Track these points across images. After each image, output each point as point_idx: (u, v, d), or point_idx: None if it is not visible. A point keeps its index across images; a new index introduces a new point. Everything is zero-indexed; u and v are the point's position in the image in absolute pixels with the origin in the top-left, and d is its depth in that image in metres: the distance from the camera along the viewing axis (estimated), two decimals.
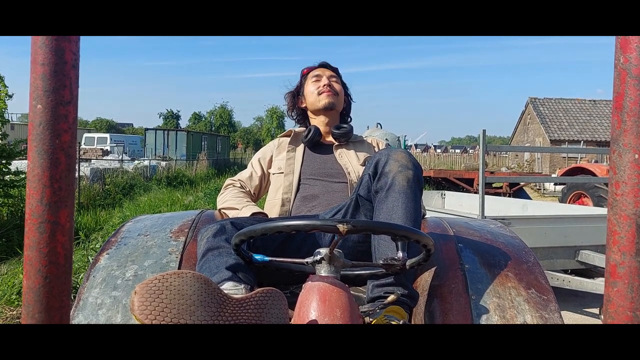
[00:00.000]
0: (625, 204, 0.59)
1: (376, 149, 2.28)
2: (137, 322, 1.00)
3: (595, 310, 4.77)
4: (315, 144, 2.23)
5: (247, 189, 2.20)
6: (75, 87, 0.60)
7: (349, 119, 2.39)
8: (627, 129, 0.58)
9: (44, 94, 0.58)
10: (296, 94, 2.38)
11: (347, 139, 2.24)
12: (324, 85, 2.26)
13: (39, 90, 0.58)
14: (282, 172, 2.14)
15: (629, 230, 0.59)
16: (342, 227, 1.10)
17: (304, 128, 2.31)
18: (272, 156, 2.25)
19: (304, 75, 2.37)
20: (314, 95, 2.27)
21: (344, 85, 2.36)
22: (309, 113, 2.34)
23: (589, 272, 4.71)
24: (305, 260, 1.24)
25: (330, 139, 2.26)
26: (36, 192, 0.58)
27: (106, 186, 12.39)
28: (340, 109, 2.32)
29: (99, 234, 7.00)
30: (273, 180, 2.18)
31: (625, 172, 0.59)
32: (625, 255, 0.59)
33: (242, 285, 1.32)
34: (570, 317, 4.57)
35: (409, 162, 1.57)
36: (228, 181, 2.25)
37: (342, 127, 2.24)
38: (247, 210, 1.94)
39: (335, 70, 2.35)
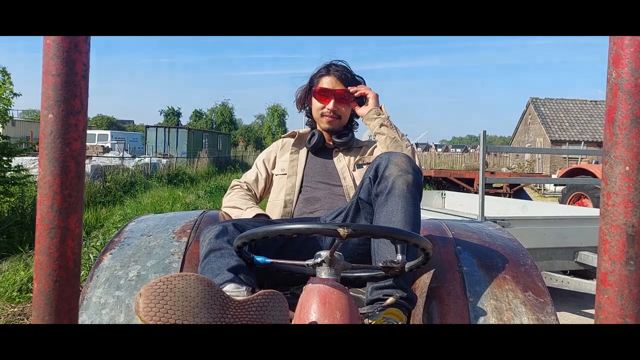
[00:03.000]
0: (616, 214, 0.61)
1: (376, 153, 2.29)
2: (141, 323, 1.02)
3: (594, 312, 4.78)
4: (318, 148, 2.24)
5: (253, 192, 2.23)
6: (85, 97, 0.62)
7: (355, 124, 2.34)
8: (618, 142, 0.60)
9: (55, 104, 0.60)
10: (307, 92, 2.28)
11: (348, 147, 2.25)
12: (328, 110, 2.18)
13: (50, 100, 0.60)
14: (285, 174, 2.17)
15: (619, 240, 0.61)
16: (342, 231, 1.12)
17: (308, 129, 2.32)
18: (275, 157, 2.28)
19: (314, 78, 2.25)
20: (317, 113, 2.22)
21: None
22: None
23: (588, 273, 4.73)
24: (306, 262, 1.26)
25: (332, 142, 2.27)
26: (47, 199, 0.60)
27: (107, 183, 12.40)
28: (344, 123, 2.25)
29: (100, 232, 7.02)
30: (276, 181, 2.21)
31: (616, 184, 0.61)
32: (616, 263, 0.61)
33: (244, 287, 1.34)
34: (569, 318, 4.59)
35: (409, 167, 1.59)
36: (234, 182, 2.28)
37: (343, 135, 2.23)
38: (250, 211, 1.97)
39: (346, 79, 2.20)
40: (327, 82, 2.20)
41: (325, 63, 2.26)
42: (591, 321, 4.53)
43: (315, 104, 2.23)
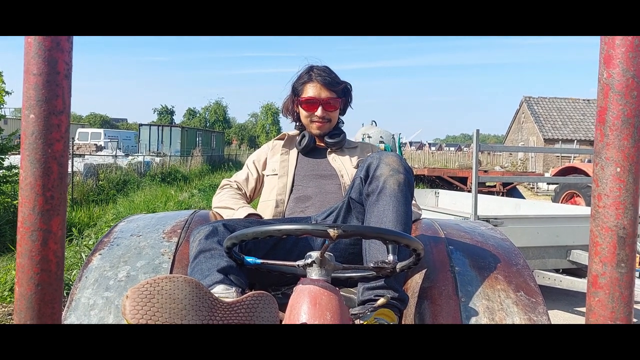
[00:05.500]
0: (607, 216, 0.60)
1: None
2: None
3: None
4: (309, 149, 2.23)
5: (243, 191, 2.22)
6: (68, 97, 0.61)
7: (341, 122, 2.32)
8: (609, 143, 0.60)
9: (36, 104, 0.59)
10: (293, 99, 2.24)
11: (340, 146, 2.24)
12: (317, 117, 2.17)
13: (31, 100, 0.59)
14: (276, 174, 2.16)
15: (610, 242, 0.60)
16: (332, 232, 1.11)
17: (298, 132, 2.30)
18: (266, 158, 2.27)
19: (297, 86, 2.20)
20: (306, 120, 2.20)
21: (345, 91, 2.22)
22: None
23: (580, 271, 4.75)
24: (297, 263, 1.26)
25: (323, 143, 2.26)
26: (28, 201, 0.59)
27: (100, 182, 12.36)
28: (334, 124, 2.24)
29: (92, 230, 6.98)
30: (267, 181, 2.19)
31: (607, 185, 0.60)
32: (607, 266, 0.61)
33: (234, 289, 1.33)
34: (561, 316, 4.61)
35: (400, 166, 1.58)
36: (224, 181, 2.26)
37: (335, 135, 2.22)
38: (242, 211, 1.96)
39: (330, 83, 2.15)
40: (311, 90, 2.16)
41: (305, 67, 2.21)
42: (583, 320, 4.52)
43: (303, 112, 2.20)
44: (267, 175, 2.21)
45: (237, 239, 1.28)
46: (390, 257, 1.29)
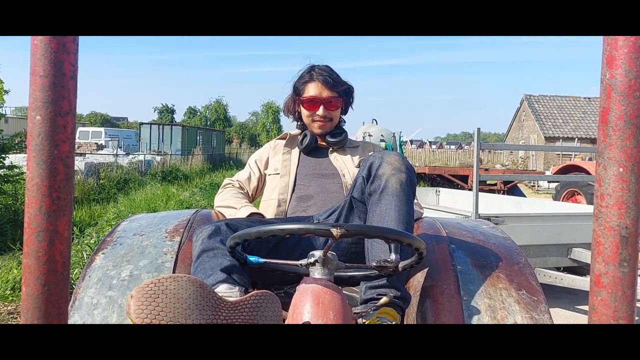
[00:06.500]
0: (609, 215, 0.61)
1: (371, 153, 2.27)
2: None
3: (587, 308, 4.80)
4: (311, 148, 2.23)
5: (245, 190, 2.22)
6: (74, 98, 0.62)
7: (343, 122, 2.33)
8: (612, 143, 0.60)
9: (42, 105, 0.59)
10: (294, 99, 2.25)
11: (342, 145, 2.25)
12: (318, 116, 2.17)
13: (38, 102, 0.59)
14: (278, 173, 2.16)
15: (613, 242, 0.60)
16: (335, 232, 1.12)
17: (300, 131, 2.31)
18: (268, 158, 2.27)
19: (298, 85, 2.21)
20: (308, 119, 2.21)
21: (346, 91, 2.22)
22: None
23: (581, 269, 4.75)
24: (299, 262, 1.26)
25: (325, 142, 2.26)
26: (35, 202, 0.60)
27: (100, 181, 12.38)
28: (335, 123, 2.24)
29: (94, 229, 6.98)
30: (269, 181, 2.20)
31: (610, 185, 0.60)
32: (609, 265, 0.61)
33: (237, 288, 1.34)
34: (562, 314, 4.61)
35: (402, 165, 1.59)
36: (227, 180, 2.26)
37: (336, 135, 2.22)
38: (245, 210, 1.96)
39: (331, 83, 2.15)
40: (312, 89, 2.17)
41: (306, 67, 2.21)
42: (585, 318, 4.56)
43: (305, 111, 2.21)
44: (269, 175, 2.22)
45: (240, 239, 1.28)
46: (393, 256, 1.29)
